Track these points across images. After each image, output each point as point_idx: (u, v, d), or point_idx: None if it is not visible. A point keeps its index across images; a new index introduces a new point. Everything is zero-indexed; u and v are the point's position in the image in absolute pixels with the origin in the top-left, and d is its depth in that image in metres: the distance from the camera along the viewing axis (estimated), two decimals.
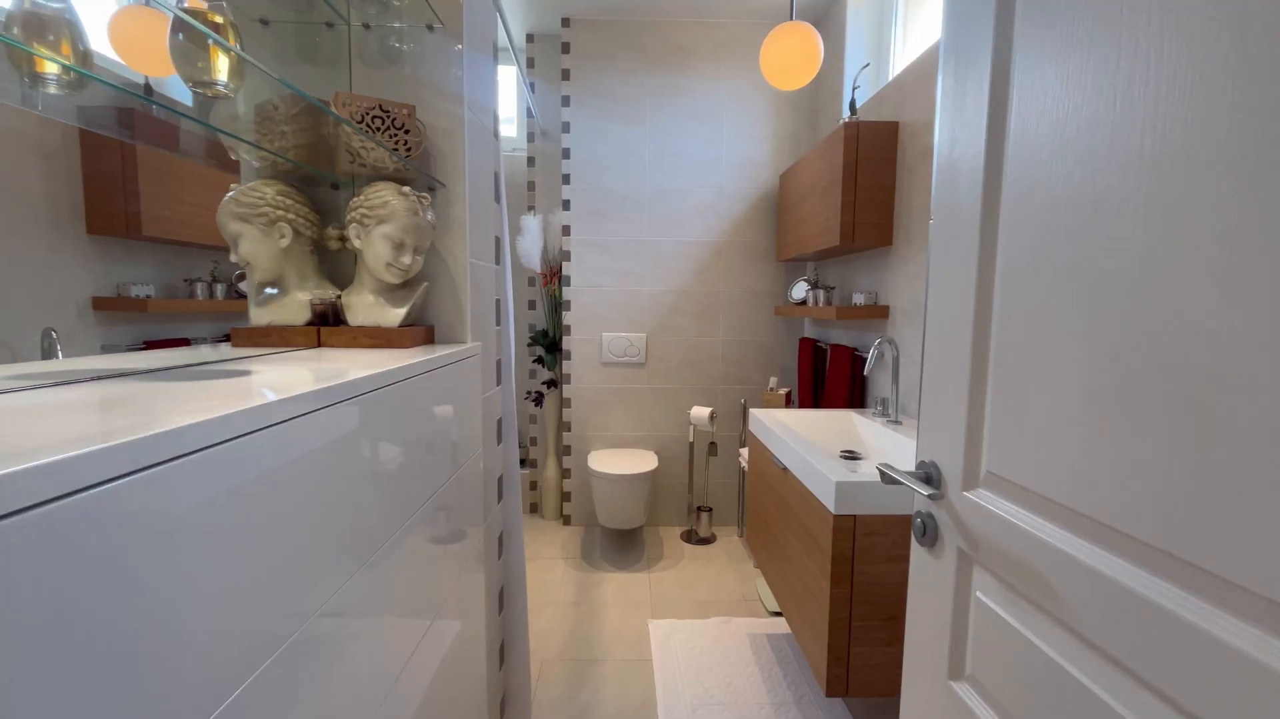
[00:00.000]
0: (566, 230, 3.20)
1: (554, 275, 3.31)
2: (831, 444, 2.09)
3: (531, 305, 3.47)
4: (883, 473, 0.93)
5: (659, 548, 3.11)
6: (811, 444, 1.79)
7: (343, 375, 0.73)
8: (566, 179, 3.18)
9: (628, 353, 3.24)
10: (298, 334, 1.06)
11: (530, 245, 3.24)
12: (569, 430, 3.29)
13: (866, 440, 2.08)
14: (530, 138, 3.39)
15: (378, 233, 1.05)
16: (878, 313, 2.33)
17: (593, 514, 3.34)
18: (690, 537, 3.20)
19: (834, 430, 2.18)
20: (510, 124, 3.56)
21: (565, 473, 3.34)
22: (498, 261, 1.48)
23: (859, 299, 2.41)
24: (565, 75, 3.14)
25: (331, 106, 1.04)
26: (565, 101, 3.15)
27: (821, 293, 2.69)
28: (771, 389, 3.10)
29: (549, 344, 3.33)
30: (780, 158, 3.20)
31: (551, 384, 3.35)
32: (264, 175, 1.10)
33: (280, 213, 1.04)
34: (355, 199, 1.07)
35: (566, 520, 3.37)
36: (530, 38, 3.33)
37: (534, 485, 3.51)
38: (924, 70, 2.06)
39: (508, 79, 3.53)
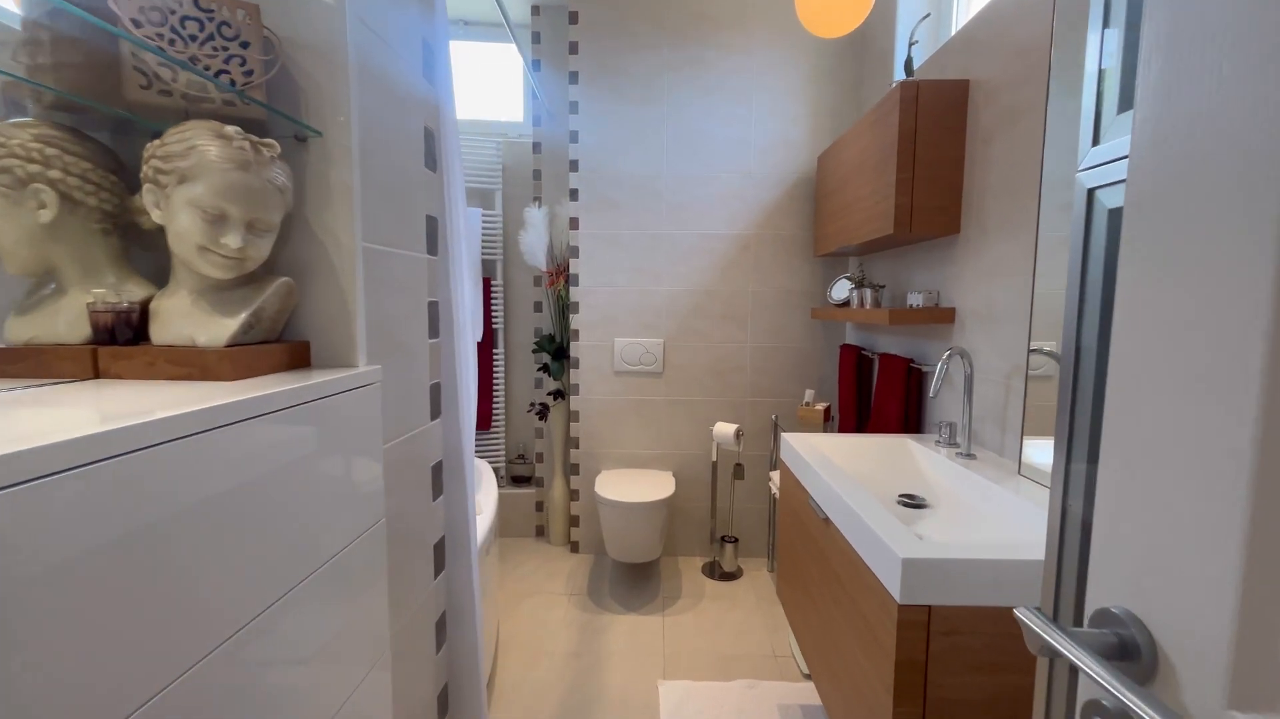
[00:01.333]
0: (574, 223, 2.79)
1: (560, 274, 2.90)
2: (886, 484, 1.62)
3: (537, 307, 3.07)
4: (1030, 629, 0.48)
5: (676, 583, 2.67)
6: (860, 483, 1.34)
7: None
8: (574, 165, 2.77)
9: (643, 360, 2.81)
10: (66, 358, 0.67)
11: (534, 241, 2.84)
12: (577, 447, 2.88)
13: (931, 479, 1.60)
14: (536, 121, 2.99)
15: (180, 198, 0.65)
16: (940, 316, 1.85)
17: (602, 542, 2.93)
18: (713, 570, 2.76)
19: (887, 463, 1.71)
20: (516, 129, 3.17)
21: (573, 494, 2.93)
22: (433, 251, 1.07)
23: (915, 300, 1.93)
24: (573, 49, 2.72)
25: None
26: (573, 78, 2.74)
27: (869, 292, 2.21)
28: (807, 404, 2.63)
29: (555, 350, 2.92)
30: (818, 137, 2.72)
31: (558, 395, 2.94)
32: (35, 116, 0.71)
33: (37, 168, 0.65)
34: (149, 145, 0.67)
35: (575, 547, 2.96)
36: (536, 9, 2.93)
37: (540, 507, 3.12)
38: (1005, 15, 1.57)
39: (510, 57, 3.14)
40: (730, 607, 2.48)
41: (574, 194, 2.77)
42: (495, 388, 3.05)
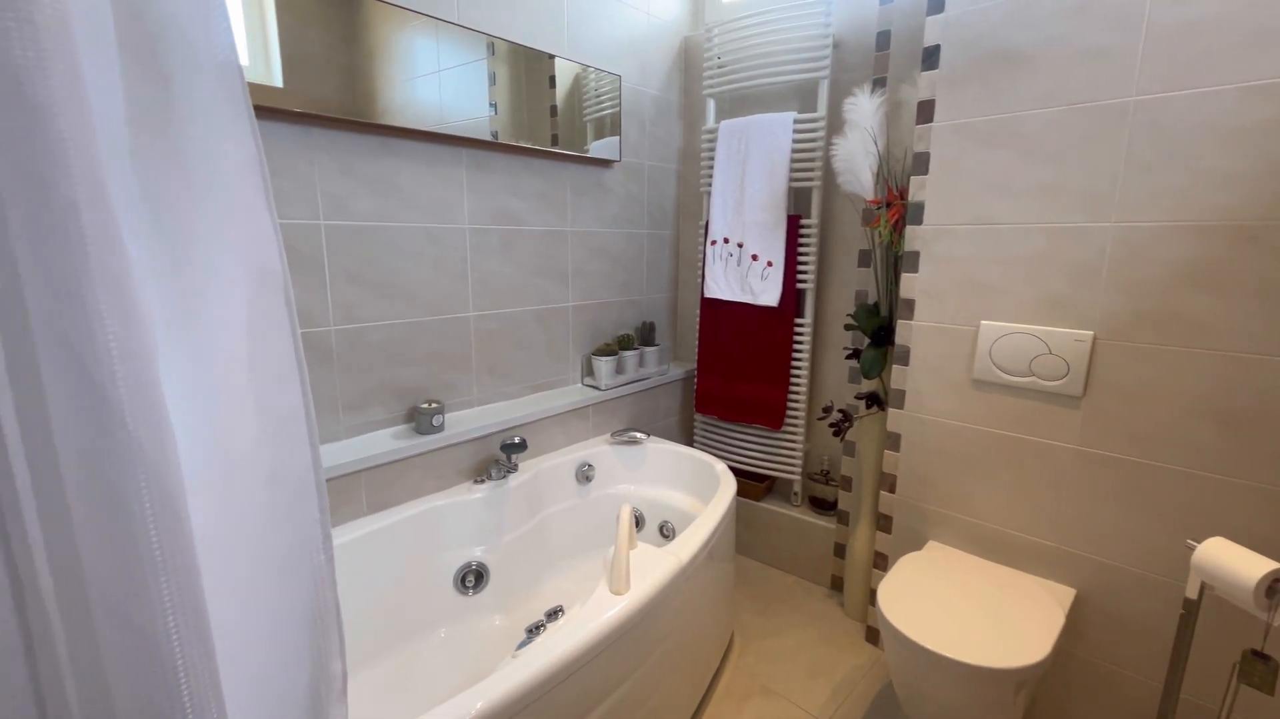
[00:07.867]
0: (925, 112, 1.51)
1: (893, 206, 1.66)
2: None
3: (863, 259, 1.89)
4: None
5: None
6: None
7: None
8: (935, 4, 1.46)
9: (1036, 368, 1.39)
10: None
11: (854, 150, 1.68)
12: (892, 491, 1.70)
13: None
14: None
15: None
16: None
17: None
18: None
19: None
20: None
21: (877, 559, 1.78)
22: None
23: None
24: None
25: None
26: None
27: None
28: None
29: (875, 331, 1.74)
30: None
31: (874, 401, 1.77)
32: None
33: None
34: None
35: (872, 637, 1.83)
36: None
37: (840, 552, 2.05)
38: None
39: None
40: None
41: (929, 56, 1.48)
42: (795, 374, 2.07)
